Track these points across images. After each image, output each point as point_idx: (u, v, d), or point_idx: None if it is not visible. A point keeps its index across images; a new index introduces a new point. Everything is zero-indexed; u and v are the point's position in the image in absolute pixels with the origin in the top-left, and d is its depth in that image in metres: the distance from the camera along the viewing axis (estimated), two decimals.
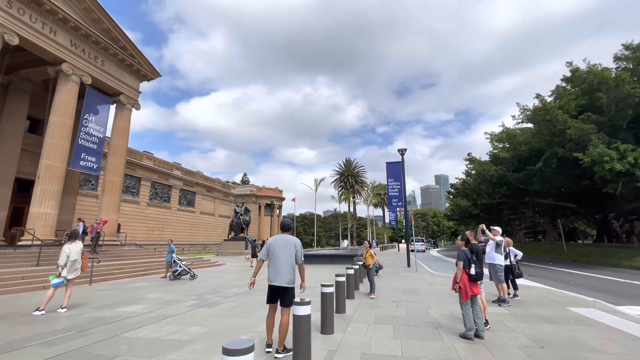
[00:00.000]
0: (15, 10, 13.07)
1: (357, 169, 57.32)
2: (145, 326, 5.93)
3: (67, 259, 7.28)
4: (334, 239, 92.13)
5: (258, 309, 7.44)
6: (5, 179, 15.94)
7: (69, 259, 7.29)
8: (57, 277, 7.21)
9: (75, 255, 7.41)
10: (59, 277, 7.20)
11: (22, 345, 4.84)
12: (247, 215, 35.07)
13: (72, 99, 15.43)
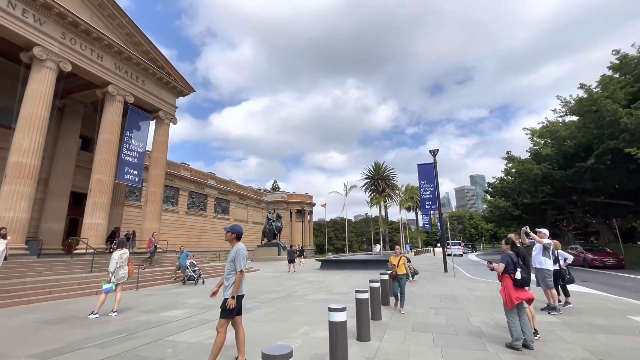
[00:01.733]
0: (68, 40, 14.46)
1: (387, 172, 56.40)
2: (187, 330, 6.19)
3: (116, 266, 7.85)
4: (365, 243, 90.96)
5: (294, 314, 7.51)
6: (63, 193, 17.52)
7: (117, 265, 7.85)
8: (108, 282, 7.78)
9: (122, 262, 7.98)
10: (110, 282, 7.77)
11: (80, 347, 5.25)
12: (279, 221, 35.67)
13: (117, 118, 16.70)
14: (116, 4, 16.60)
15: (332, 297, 9.88)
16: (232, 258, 4.17)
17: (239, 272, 4.11)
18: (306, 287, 12.49)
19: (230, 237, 4.30)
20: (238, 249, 4.19)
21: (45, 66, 13.49)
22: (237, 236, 4.32)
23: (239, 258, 4.15)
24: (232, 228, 4.34)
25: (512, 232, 7.46)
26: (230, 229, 4.32)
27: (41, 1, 13.11)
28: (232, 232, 4.30)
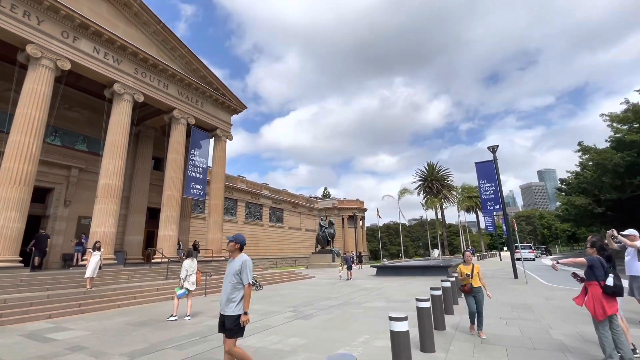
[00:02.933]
0: (140, 74, 16.48)
1: (441, 173, 53.60)
2: (252, 335, 6.53)
3: (186, 273, 8.63)
4: (422, 248, 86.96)
5: (352, 322, 7.47)
6: (140, 209, 19.80)
7: (187, 272, 8.64)
8: (180, 288, 8.59)
9: (191, 270, 8.76)
10: (182, 288, 8.57)
11: (161, 348, 5.84)
12: (331, 228, 35.92)
13: (182, 139, 18.48)
14: (177, 38, 18.51)
15: (391, 305, 9.63)
16: (237, 270, 3.82)
17: (247, 286, 3.82)
18: (363, 294, 12.35)
19: (233, 247, 3.96)
20: (244, 260, 3.88)
21: (124, 99, 15.51)
22: (240, 246, 4.00)
23: (246, 270, 3.83)
24: (235, 238, 3.99)
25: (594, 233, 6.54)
26: (233, 239, 3.98)
27: (118, 43, 15.18)
28: (235, 242, 3.96)
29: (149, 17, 17.14)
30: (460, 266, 6.37)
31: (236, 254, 3.97)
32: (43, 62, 12.66)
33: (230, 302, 3.77)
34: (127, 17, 16.54)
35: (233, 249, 3.97)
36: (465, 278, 6.12)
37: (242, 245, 4.00)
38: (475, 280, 6.07)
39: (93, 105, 18.10)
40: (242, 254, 3.98)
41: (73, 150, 17.51)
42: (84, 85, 17.01)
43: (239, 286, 3.81)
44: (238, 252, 3.97)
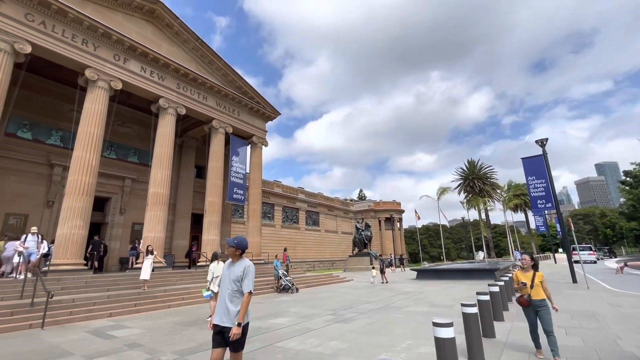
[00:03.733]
0: (182, 89, 17.59)
1: (483, 170, 50.67)
2: (292, 337, 6.61)
3: (212, 276, 8.96)
4: (465, 250, 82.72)
5: (394, 327, 7.28)
6: (185, 215, 21.02)
7: (213, 275, 8.97)
8: (207, 290, 9.01)
9: (218, 272, 9.02)
10: (208, 290, 8.98)
11: (207, 348, 6.09)
12: (368, 230, 35.45)
13: (221, 147, 19.38)
14: (213, 52, 19.50)
15: (434, 310, 9.25)
16: (238, 277, 3.47)
17: (247, 294, 3.43)
18: (404, 299, 12.01)
19: (234, 252, 3.61)
20: (247, 265, 3.54)
21: (168, 113, 16.63)
22: (242, 252, 3.66)
23: (249, 276, 3.48)
24: (237, 243, 3.61)
25: None
26: (234, 244, 3.61)
27: (162, 62, 16.35)
28: (236, 247, 3.60)
29: (188, 34, 18.26)
30: (517, 273, 5.35)
31: (237, 259, 3.65)
32: (99, 84, 14.00)
33: (229, 312, 3.39)
34: (169, 36, 17.76)
35: (233, 254, 3.63)
36: (521, 287, 5.06)
37: (243, 249, 3.64)
38: (537, 291, 4.95)
39: (142, 120, 19.61)
40: (244, 259, 3.67)
41: (126, 162, 19.11)
42: (133, 102, 18.50)
43: (238, 294, 3.46)
44: (239, 257, 3.66)
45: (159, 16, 17.08)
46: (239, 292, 3.45)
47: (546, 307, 4.89)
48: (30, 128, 15.64)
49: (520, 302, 5.09)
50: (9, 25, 11.74)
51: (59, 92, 16.53)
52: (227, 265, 3.69)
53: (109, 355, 5.73)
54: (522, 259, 5.28)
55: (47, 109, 16.21)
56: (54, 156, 15.90)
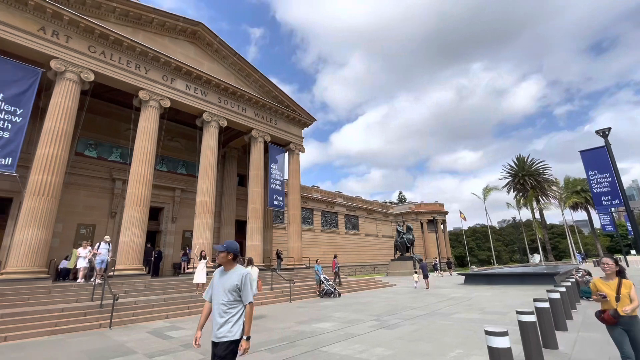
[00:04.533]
0: (223, 103, 18.59)
1: (535, 166, 46.86)
2: (337, 343, 6.61)
3: None
4: (518, 253, 76.71)
5: (442, 334, 6.99)
6: (230, 222, 22.04)
7: None
8: None
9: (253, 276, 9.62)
10: None
11: (256, 350, 6.33)
12: (409, 233, 34.40)
13: (260, 156, 20.11)
14: (250, 65, 20.38)
15: (486, 318, 8.71)
16: (235, 286, 3.09)
17: (249, 306, 3.10)
18: (451, 305, 11.46)
19: (225, 258, 3.20)
20: (243, 273, 3.15)
21: (211, 126, 17.66)
22: (234, 256, 3.25)
23: (247, 285, 3.11)
24: (227, 247, 3.22)
25: None
26: (224, 248, 3.21)
27: (205, 78, 17.45)
28: (227, 252, 3.20)
29: (227, 51, 19.30)
30: (596, 281, 4.20)
31: (229, 265, 3.24)
32: (151, 104, 15.30)
33: (224, 325, 3.02)
34: (209, 54, 18.92)
35: (225, 260, 3.22)
36: (602, 300, 3.97)
37: (235, 255, 3.25)
38: (623, 302, 3.82)
39: (188, 133, 21.02)
40: (239, 266, 3.28)
41: (176, 174, 20.57)
42: (180, 118, 19.90)
43: (236, 305, 3.08)
44: (232, 263, 3.24)
45: (200, 36, 18.28)
46: (235, 303, 3.08)
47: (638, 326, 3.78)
48: (95, 147, 17.50)
49: (602, 318, 3.94)
50: (76, 58, 13.30)
51: (117, 114, 18.31)
52: (218, 273, 3.29)
53: (167, 355, 6.17)
54: (603, 263, 4.15)
55: (108, 129, 18.03)
56: (114, 171, 17.61)
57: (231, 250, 3.22)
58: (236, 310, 3.08)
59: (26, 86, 12.06)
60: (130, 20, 15.49)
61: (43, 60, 12.77)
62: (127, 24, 15.42)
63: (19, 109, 11.74)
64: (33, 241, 10.97)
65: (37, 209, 11.24)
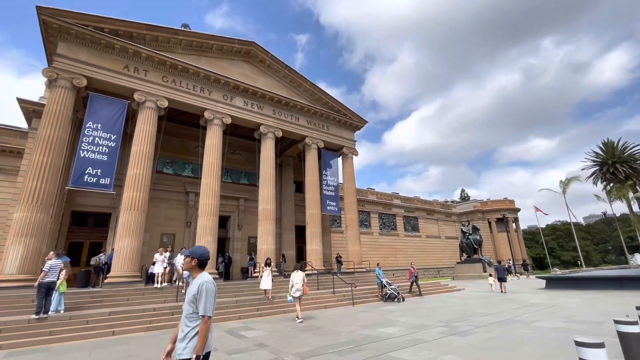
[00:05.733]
0: (277, 114, 19.59)
1: (628, 151, 40.06)
2: (405, 348, 6.48)
3: (292, 283, 10.47)
4: (613, 253, 66.17)
5: (521, 344, 6.42)
6: (290, 227, 22.94)
7: (292, 282, 10.47)
8: (290, 295, 10.47)
9: (296, 280, 10.49)
10: (290, 296, 10.46)
11: (324, 352, 6.51)
12: (476, 234, 32.02)
13: (315, 162, 20.66)
14: (301, 76, 21.14)
15: (575, 327, 7.75)
16: (193, 296, 2.77)
17: (204, 319, 2.69)
18: (531, 311, 10.41)
19: (190, 264, 2.92)
20: (202, 282, 2.79)
21: (268, 137, 18.70)
22: (198, 262, 2.91)
23: (203, 296, 2.73)
24: (192, 252, 2.96)
25: None
26: (189, 253, 2.96)
27: (260, 93, 18.60)
28: (191, 257, 2.92)
29: (279, 65, 20.32)
30: None
31: (194, 272, 2.93)
32: (215, 122, 16.78)
33: (182, 340, 2.72)
34: (262, 70, 20.12)
35: (189, 266, 2.93)
36: None
37: (201, 260, 2.93)
38: None
39: (247, 146, 22.49)
40: (203, 273, 2.93)
41: (239, 184, 22.15)
42: (239, 132, 21.41)
43: (195, 318, 2.74)
44: (197, 270, 2.93)
45: (254, 54, 19.54)
46: (194, 316, 2.74)
47: None
48: (171, 165, 19.73)
49: None
50: (153, 88, 15.24)
51: (187, 133, 20.41)
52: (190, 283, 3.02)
53: (243, 353, 6.68)
54: None
55: (180, 148, 20.21)
56: (188, 185, 19.62)
57: (195, 255, 2.91)
58: (195, 325, 2.72)
59: (117, 116, 14.18)
60: (193, 48, 17.24)
61: (128, 93, 14.87)
62: (191, 52, 17.18)
63: (112, 135, 13.85)
64: (129, 249, 12.77)
65: (130, 222, 13.07)
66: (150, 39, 15.71)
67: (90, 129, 13.35)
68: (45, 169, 11.89)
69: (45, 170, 11.88)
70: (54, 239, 14.67)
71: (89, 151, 13.14)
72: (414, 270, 17.30)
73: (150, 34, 15.55)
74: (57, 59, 13.20)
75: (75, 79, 13.27)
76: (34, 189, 11.55)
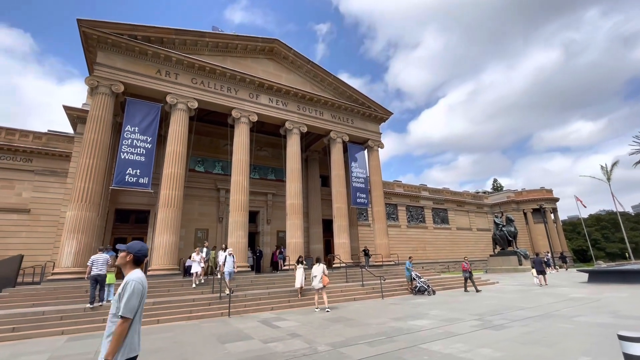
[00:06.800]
0: (301, 110, 19.78)
1: None
2: (437, 341, 6.48)
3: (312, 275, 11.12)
4: None
5: (561, 338, 6.21)
6: (317, 221, 23.21)
7: (312, 275, 11.11)
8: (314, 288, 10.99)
9: (316, 273, 11.06)
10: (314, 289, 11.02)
11: (355, 343, 6.66)
12: (510, 225, 30.66)
13: (340, 156, 20.69)
14: (324, 70, 21.13)
15: (622, 323, 7.35)
16: (119, 294, 2.56)
17: (120, 321, 2.44)
18: (572, 306, 9.95)
19: (124, 259, 2.69)
20: (129, 279, 2.57)
21: (293, 133, 18.96)
22: (134, 258, 2.70)
23: (126, 294, 2.49)
24: (128, 246, 2.73)
25: None
26: (126, 247, 2.73)
27: (284, 90, 18.87)
28: (126, 252, 2.70)
29: (302, 61, 20.43)
30: None
31: (128, 269, 2.70)
32: (242, 120, 17.25)
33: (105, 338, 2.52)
34: (285, 66, 20.32)
35: (122, 261, 2.71)
36: None
37: (137, 257, 2.71)
38: None
39: (273, 142, 22.91)
40: (136, 271, 2.69)
41: (266, 180, 22.69)
42: (265, 129, 21.85)
43: (117, 319, 2.50)
44: (131, 266, 2.71)
45: (277, 52, 19.78)
46: (117, 317, 2.51)
47: None
48: (202, 163, 20.58)
49: None
50: (184, 90, 15.92)
51: (216, 132, 21.13)
52: None
53: (277, 342, 6.98)
54: None
55: (210, 147, 20.99)
56: (218, 182, 20.40)
57: (132, 250, 2.69)
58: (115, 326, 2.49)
59: (151, 119, 14.98)
60: (219, 49, 17.75)
61: (160, 96, 15.64)
62: (218, 53, 17.70)
63: (148, 137, 14.67)
64: (167, 244, 13.57)
65: (167, 218, 13.87)
66: (179, 42, 16.36)
67: (128, 132, 14.23)
68: (92, 170, 12.88)
69: (92, 171, 12.87)
70: (101, 235, 15.87)
71: (129, 153, 14.02)
72: (467, 265, 15.68)
73: (179, 38, 16.19)
74: (97, 68, 14.14)
75: (113, 85, 14.16)
76: (83, 189, 12.56)
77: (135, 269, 2.69)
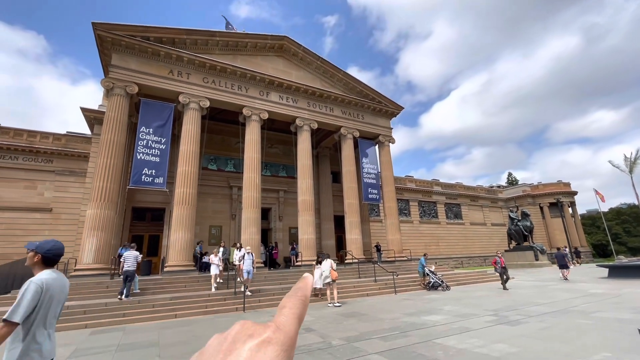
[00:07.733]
0: (311, 106, 19.79)
1: None
2: (451, 336, 6.47)
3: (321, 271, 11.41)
4: None
5: (579, 334, 6.11)
6: (328, 217, 23.29)
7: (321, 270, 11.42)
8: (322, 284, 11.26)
9: (324, 268, 11.35)
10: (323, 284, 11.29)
11: (369, 337, 6.71)
12: (526, 220, 30.05)
13: (351, 152, 20.64)
14: (333, 66, 21.05)
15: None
16: None
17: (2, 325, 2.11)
18: (591, 301, 9.73)
19: (32, 260, 2.42)
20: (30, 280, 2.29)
21: (304, 129, 19.01)
22: (42, 259, 2.42)
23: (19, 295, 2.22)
24: (38, 246, 2.43)
25: None
26: (35, 247, 2.43)
27: (294, 87, 18.90)
28: (34, 252, 2.42)
29: (311, 57, 20.40)
30: None
31: (36, 269, 2.44)
32: (253, 118, 17.40)
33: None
34: (295, 63, 20.34)
35: (31, 262, 2.43)
36: None
37: (46, 257, 2.43)
38: None
39: (284, 139, 23.03)
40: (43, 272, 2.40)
41: (278, 177, 22.86)
42: (276, 126, 21.98)
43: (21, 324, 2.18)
44: (40, 267, 2.44)
45: (286, 49, 19.80)
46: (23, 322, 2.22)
47: None
48: (214, 161, 20.89)
49: None
50: (195, 89, 16.15)
51: (227, 130, 21.39)
52: None
53: None
54: None
55: (222, 145, 21.27)
56: (231, 180, 20.67)
57: (41, 250, 2.41)
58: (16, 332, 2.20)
59: (165, 119, 15.27)
60: (229, 48, 17.90)
61: (173, 96, 15.91)
62: (228, 52, 17.86)
63: (162, 137, 14.98)
64: (182, 241, 13.89)
65: (182, 216, 14.18)
66: (190, 42, 16.57)
67: (143, 133, 14.56)
68: (110, 170, 13.26)
69: (110, 171, 13.26)
70: (119, 232, 16.36)
71: (144, 153, 14.35)
72: (500, 260, 14.35)
73: (190, 37, 16.40)
74: (112, 70, 14.49)
75: (128, 86, 14.50)
76: (101, 188, 12.96)
77: (45, 270, 2.41)
